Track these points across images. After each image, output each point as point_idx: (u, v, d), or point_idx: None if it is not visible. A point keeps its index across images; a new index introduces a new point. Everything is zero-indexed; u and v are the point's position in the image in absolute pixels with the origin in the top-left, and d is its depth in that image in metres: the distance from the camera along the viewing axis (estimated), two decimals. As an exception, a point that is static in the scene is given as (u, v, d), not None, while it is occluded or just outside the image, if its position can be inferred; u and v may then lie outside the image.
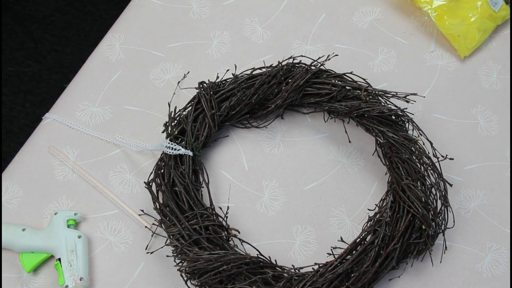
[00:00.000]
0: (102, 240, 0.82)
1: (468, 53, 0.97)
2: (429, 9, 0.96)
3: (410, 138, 0.83)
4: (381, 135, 0.83)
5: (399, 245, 0.76)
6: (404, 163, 0.80)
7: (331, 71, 0.88)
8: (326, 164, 0.88)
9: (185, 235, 0.76)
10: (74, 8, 1.78)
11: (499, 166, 0.89)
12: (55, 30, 1.74)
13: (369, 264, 0.75)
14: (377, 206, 0.82)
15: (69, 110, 0.90)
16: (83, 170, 0.85)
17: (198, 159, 0.83)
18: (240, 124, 0.90)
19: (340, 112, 0.85)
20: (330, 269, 0.75)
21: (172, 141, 0.82)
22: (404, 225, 0.77)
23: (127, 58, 0.95)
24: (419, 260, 0.81)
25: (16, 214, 0.82)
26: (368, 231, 0.78)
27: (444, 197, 0.79)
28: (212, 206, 0.81)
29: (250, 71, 0.88)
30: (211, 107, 0.84)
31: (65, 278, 0.76)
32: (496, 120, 0.93)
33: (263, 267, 0.75)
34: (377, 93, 0.85)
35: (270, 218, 0.84)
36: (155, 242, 0.82)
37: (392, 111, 0.84)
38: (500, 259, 0.83)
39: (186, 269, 0.74)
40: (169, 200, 0.79)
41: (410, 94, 0.85)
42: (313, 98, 0.87)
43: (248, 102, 0.85)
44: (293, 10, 1.00)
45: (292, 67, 0.87)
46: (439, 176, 0.80)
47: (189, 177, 0.81)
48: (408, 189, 0.78)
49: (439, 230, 0.79)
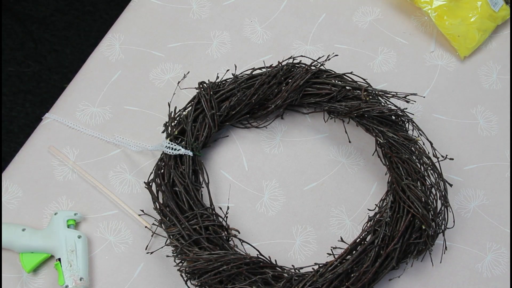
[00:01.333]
0: (102, 240, 0.82)
1: (468, 53, 0.97)
2: (429, 9, 0.96)
3: (410, 138, 0.83)
4: (381, 135, 0.83)
5: (399, 245, 0.76)
6: (404, 163, 0.80)
7: (331, 71, 0.88)
8: (326, 164, 0.88)
9: (185, 235, 0.76)
10: (74, 8, 1.78)
11: (499, 166, 0.89)
12: (55, 30, 1.74)
13: (369, 264, 0.75)
14: (377, 206, 0.82)
15: (69, 110, 0.90)
16: (83, 170, 0.85)
17: (198, 159, 0.83)
18: (240, 124, 0.90)
19: (340, 112, 0.85)
20: (330, 269, 0.75)
21: (172, 141, 0.82)
22: (404, 225, 0.77)
23: (127, 58, 0.95)
24: (419, 260, 0.81)
25: (16, 214, 0.82)
26: (368, 231, 0.78)
27: (444, 197, 0.79)
28: (212, 206, 0.81)
29: (250, 71, 0.88)
30: (211, 107, 0.84)
31: (65, 278, 0.76)
32: (496, 120, 0.93)
33: (263, 267, 0.75)
34: (377, 93, 0.85)
35: (270, 218, 0.84)
36: (155, 242, 0.82)
37: (392, 111, 0.84)
38: (500, 259, 0.83)
39: (186, 269, 0.74)
40: (169, 200, 0.79)
41: (410, 94, 0.85)
42: (313, 98, 0.87)
43: (248, 102, 0.85)
44: (293, 10, 1.00)
45: (292, 67, 0.87)
46: (439, 176, 0.80)
47: (189, 177, 0.81)
48: (408, 189, 0.78)
49: (439, 230, 0.79)
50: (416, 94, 0.87)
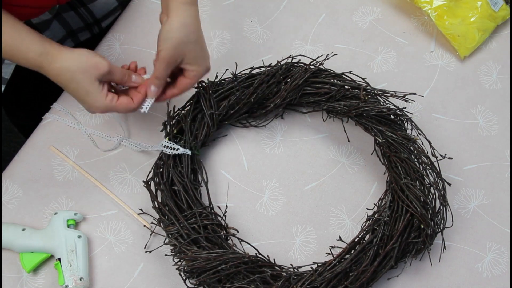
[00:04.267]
0: (102, 240, 0.82)
1: (468, 53, 0.97)
2: (429, 9, 0.96)
3: (409, 138, 0.83)
4: (380, 134, 0.83)
5: (398, 244, 0.76)
6: (403, 163, 0.80)
7: (330, 71, 0.88)
8: (326, 164, 0.88)
9: (184, 234, 0.76)
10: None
11: (499, 166, 0.89)
12: (55, 30, 1.74)
13: (367, 263, 0.75)
14: (375, 206, 0.82)
15: (69, 110, 0.90)
16: (83, 170, 0.85)
17: (197, 158, 0.83)
18: (239, 123, 0.90)
19: (339, 111, 0.85)
20: (328, 268, 0.75)
21: (171, 140, 0.82)
22: (403, 224, 0.77)
23: (127, 58, 0.95)
24: (418, 259, 0.81)
25: (16, 214, 0.82)
26: (367, 230, 0.79)
27: (442, 196, 0.79)
28: (211, 205, 0.81)
29: (249, 70, 0.88)
30: (210, 107, 0.84)
31: (65, 278, 0.76)
32: (496, 120, 0.93)
33: (262, 266, 0.75)
34: (376, 92, 0.85)
35: (270, 218, 0.84)
36: (154, 241, 0.82)
37: (391, 111, 0.84)
38: (500, 259, 0.83)
39: (184, 268, 0.75)
40: (167, 199, 0.79)
41: (408, 94, 0.85)
42: (312, 97, 0.87)
43: (247, 102, 0.85)
44: (293, 10, 1.00)
45: (291, 66, 0.87)
46: (438, 176, 0.80)
47: (188, 176, 0.81)
48: (407, 189, 0.78)
49: (438, 229, 0.79)
50: (415, 93, 0.87)
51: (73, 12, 0.96)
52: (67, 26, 0.98)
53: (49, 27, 0.94)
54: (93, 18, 1.01)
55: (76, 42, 1.03)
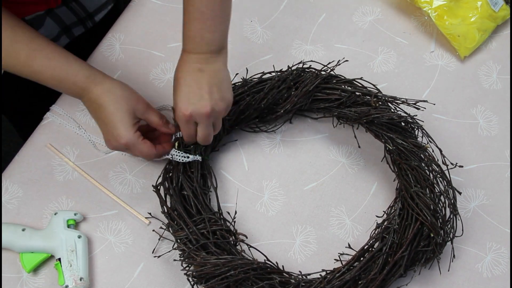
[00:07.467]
0: (102, 240, 0.82)
1: (468, 53, 0.97)
2: (429, 9, 0.96)
3: (420, 145, 0.82)
4: (390, 141, 0.82)
5: (407, 253, 0.76)
6: (413, 170, 0.79)
7: (340, 77, 0.87)
8: (326, 164, 0.88)
9: (193, 239, 0.76)
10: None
11: (499, 166, 0.89)
12: (55, 30, 1.74)
13: (376, 271, 0.75)
14: (385, 213, 0.82)
15: (69, 110, 0.90)
16: (83, 170, 0.85)
17: (206, 163, 0.83)
18: (249, 128, 0.90)
19: (350, 118, 0.85)
20: (337, 275, 0.75)
21: (180, 149, 0.81)
22: (412, 233, 0.76)
23: (127, 58, 0.95)
24: (427, 268, 0.80)
25: (16, 214, 0.82)
26: (376, 238, 0.78)
27: (453, 205, 0.78)
28: (220, 211, 0.81)
29: (259, 75, 0.87)
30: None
31: (65, 278, 0.76)
32: (496, 120, 0.93)
33: (270, 273, 0.75)
34: (387, 99, 0.84)
35: (270, 218, 0.84)
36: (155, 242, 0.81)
37: (402, 118, 0.83)
38: (500, 259, 0.83)
39: (193, 273, 0.74)
40: (177, 204, 0.78)
41: (419, 101, 0.84)
42: (323, 103, 0.86)
43: (258, 107, 0.85)
44: (293, 10, 1.00)
45: (301, 72, 0.86)
46: (448, 184, 0.80)
47: (198, 181, 0.80)
48: (417, 197, 0.77)
49: (448, 238, 0.78)
50: (426, 101, 0.86)
51: (65, 7, 0.96)
52: (61, 22, 0.98)
53: (43, 24, 0.94)
54: (86, 12, 1.01)
55: (71, 38, 1.02)
